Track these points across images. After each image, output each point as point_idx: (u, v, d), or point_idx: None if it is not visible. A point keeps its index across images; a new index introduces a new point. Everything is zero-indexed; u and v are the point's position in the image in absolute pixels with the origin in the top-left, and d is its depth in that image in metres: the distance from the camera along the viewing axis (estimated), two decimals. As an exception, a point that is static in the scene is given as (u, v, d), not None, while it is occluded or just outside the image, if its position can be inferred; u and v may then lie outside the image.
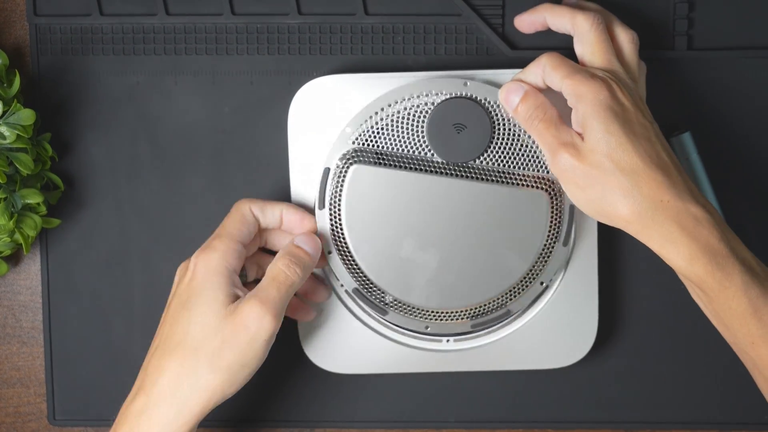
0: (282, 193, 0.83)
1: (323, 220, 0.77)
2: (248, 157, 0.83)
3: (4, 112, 0.77)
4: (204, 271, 0.74)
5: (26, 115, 0.77)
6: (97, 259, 0.84)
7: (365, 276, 0.77)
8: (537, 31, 0.79)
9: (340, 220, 0.77)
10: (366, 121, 0.77)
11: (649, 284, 0.84)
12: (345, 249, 0.77)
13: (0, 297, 0.86)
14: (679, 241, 0.70)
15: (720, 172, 0.83)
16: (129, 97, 0.83)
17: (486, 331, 0.81)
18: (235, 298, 0.73)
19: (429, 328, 0.79)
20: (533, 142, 0.77)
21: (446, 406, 0.85)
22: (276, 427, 0.86)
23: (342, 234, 0.77)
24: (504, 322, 0.80)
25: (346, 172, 0.76)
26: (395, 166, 0.76)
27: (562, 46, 0.82)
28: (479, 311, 0.78)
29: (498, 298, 0.78)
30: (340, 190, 0.77)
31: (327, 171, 0.77)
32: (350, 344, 0.81)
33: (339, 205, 0.77)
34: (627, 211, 0.70)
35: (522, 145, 0.77)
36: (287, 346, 0.84)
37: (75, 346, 0.85)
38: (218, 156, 0.83)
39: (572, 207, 0.78)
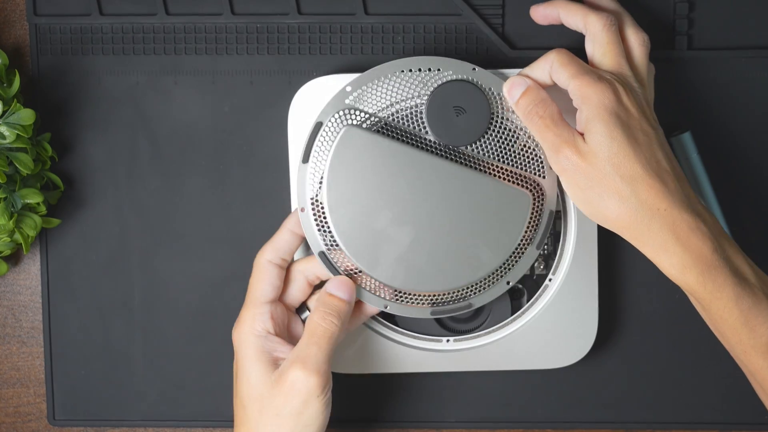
0: (282, 193, 0.83)
1: (303, 174, 0.76)
2: (248, 157, 0.83)
3: (4, 112, 0.77)
4: (239, 345, 0.75)
5: (26, 115, 0.77)
6: (97, 259, 0.84)
7: (335, 240, 0.76)
8: (550, 24, 0.78)
9: (321, 178, 0.75)
10: (369, 84, 0.76)
11: (649, 284, 0.84)
12: (320, 209, 0.75)
13: (0, 297, 0.86)
14: (672, 250, 0.70)
15: (720, 172, 0.83)
16: (129, 97, 0.83)
17: (485, 330, 0.81)
18: (277, 361, 0.74)
19: (388, 307, 0.77)
20: (528, 141, 0.77)
21: (446, 406, 0.85)
22: (276, 427, 0.86)
23: (320, 193, 0.75)
24: (465, 313, 0.80)
25: (337, 131, 0.75)
26: (388, 135, 0.76)
27: (560, 46, 0.82)
28: (441, 299, 0.77)
29: (462, 290, 0.77)
30: (328, 149, 0.75)
31: (319, 125, 0.75)
32: (350, 344, 0.81)
33: (324, 163, 0.75)
34: (623, 216, 0.71)
35: (516, 142, 0.77)
36: (287, 346, 0.84)
37: (75, 346, 0.85)
38: (218, 156, 0.83)
39: (551, 213, 0.78)
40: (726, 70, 0.83)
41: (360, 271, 0.76)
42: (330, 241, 0.76)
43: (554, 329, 0.81)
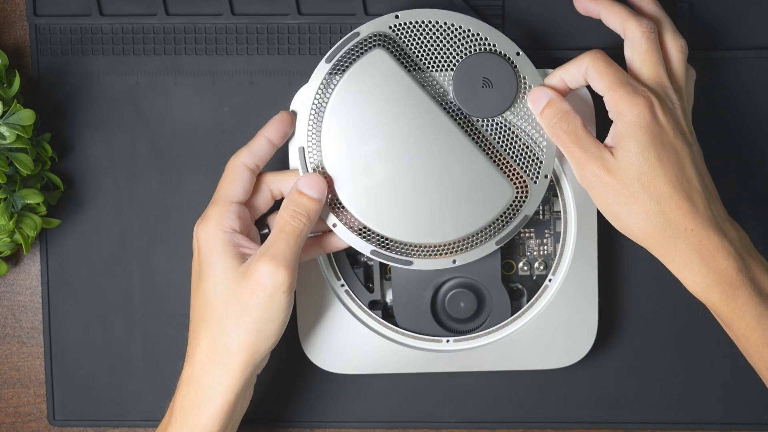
0: (282, 193, 0.83)
1: (322, 71, 0.76)
2: (248, 157, 0.83)
3: (4, 113, 0.77)
4: (205, 241, 0.75)
5: (26, 116, 0.77)
6: (97, 259, 0.84)
7: (318, 140, 0.76)
8: (589, 16, 0.78)
9: (335, 83, 0.76)
10: (417, 20, 0.76)
11: (648, 284, 0.84)
12: (320, 108, 0.76)
13: (0, 297, 0.86)
14: (697, 269, 0.71)
15: (720, 171, 0.83)
16: (129, 97, 0.83)
17: (485, 330, 0.81)
18: (243, 257, 0.74)
19: (337, 227, 0.77)
20: (535, 142, 0.77)
21: (446, 406, 0.85)
22: (276, 427, 0.86)
23: (327, 94, 0.76)
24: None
25: (369, 48, 0.76)
26: (412, 75, 0.76)
27: (561, 46, 0.82)
28: (387, 244, 0.77)
29: (409, 245, 0.77)
30: (353, 59, 0.76)
31: (356, 35, 0.76)
32: (350, 344, 0.81)
33: (344, 70, 0.76)
34: (650, 234, 0.71)
35: (525, 137, 0.77)
36: (287, 346, 0.84)
37: (75, 346, 0.85)
38: (218, 156, 0.83)
39: (525, 217, 0.78)
40: (726, 70, 0.83)
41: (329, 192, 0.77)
42: (314, 140, 0.76)
43: (554, 329, 0.81)
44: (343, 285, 0.81)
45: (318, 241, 0.79)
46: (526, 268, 0.82)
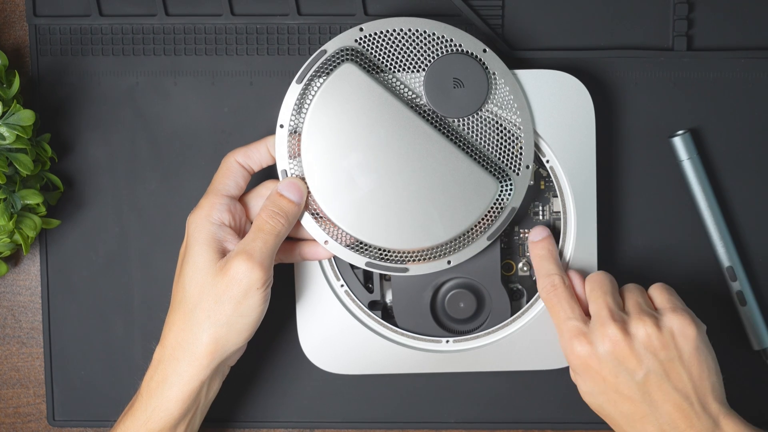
0: (282, 194, 0.83)
1: (293, 93, 0.77)
2: (248, 158, 0.83)
3: (4, 113, 0.77)
4: (192, 231, 0.77)
5: (26, 116, 0.77)
6: (96, 259, 0.84)
7: (300, 163, 0.77)
8: None
9: (308, 103, 0.76)
10: (382, 31, 0.77)
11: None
12: (297, 130, 0.77)
13: (0, 297, 0.86)
14: None
15: (720, 172, 0.83)
16: (129, 97, 0.83)
17: (485, 331, 0.81)
18: (224, 251, 0.76)
19: (327, 243, 0.78)
20: (514, 135, 0.77)
21: (446, 406, 0.85)
22: (276, 427, 0.86)
23: (302, 117, 0.76)
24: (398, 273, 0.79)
25: (338, 64, 0.76)
26: (383, 85, 0.76)
27: (561, 46, 0.82)
28: (380, 254, 0.78)
29: (403, 252, 0.78)
30: (324, 78, 0.76)
31: (322, 53, 0.77)
32: (350, 345, 0.81)
33: (315, 90, 0.76)
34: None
35: (502, 131, 0.77)
36: (287, 347, 0.84)
37: (75, 346, 0.85)
38: (218, 156, 0.83)
39: (513, 210, 0.78)
40: (726, 70, 0.83)
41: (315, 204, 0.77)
42: (296, 163, 0.77)
43: (554, 330, 0.81)
44: (343, 285, 0.81)
45: (297, 248, 0.80)
46: (525, 268, 0.82)
